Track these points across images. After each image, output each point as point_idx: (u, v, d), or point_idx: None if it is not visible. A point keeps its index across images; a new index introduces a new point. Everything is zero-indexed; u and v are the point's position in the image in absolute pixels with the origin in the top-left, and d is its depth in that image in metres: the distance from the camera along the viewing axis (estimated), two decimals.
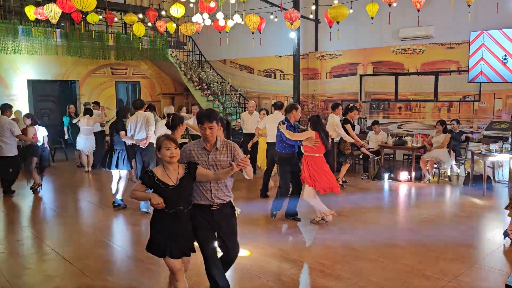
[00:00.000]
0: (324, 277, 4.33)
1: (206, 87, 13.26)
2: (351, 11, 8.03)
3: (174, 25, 10.01)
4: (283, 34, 11.70)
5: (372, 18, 7.77)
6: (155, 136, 6.69)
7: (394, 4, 6.98)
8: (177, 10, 8.36)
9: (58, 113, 13.76)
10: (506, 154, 7.42)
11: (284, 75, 13.22)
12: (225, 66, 14.55)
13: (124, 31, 12.58)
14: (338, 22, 7.71)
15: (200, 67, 13.84)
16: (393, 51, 11.04)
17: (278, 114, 6.95)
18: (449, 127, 8.92)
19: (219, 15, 8.44)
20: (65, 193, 8.07)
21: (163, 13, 11.72)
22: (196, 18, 8.62)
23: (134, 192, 3.20)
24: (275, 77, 13.51)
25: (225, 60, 14.52)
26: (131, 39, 12.13)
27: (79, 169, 10.35)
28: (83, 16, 9.05)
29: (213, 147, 3.29)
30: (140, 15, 9.88)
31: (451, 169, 8.74)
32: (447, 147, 8.61)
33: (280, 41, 12.55)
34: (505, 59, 9.26)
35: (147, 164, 6.57)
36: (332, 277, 4.29)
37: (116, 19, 10.44)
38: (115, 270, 4.52)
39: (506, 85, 9.40)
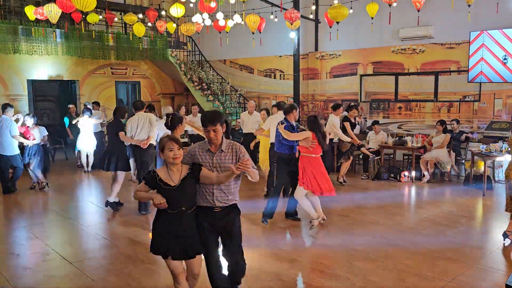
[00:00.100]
0: (324, 277, 4.33)
1: (206, 87, 13.26)
2: (351, 11, 8.04)
3: (174, 25, 10.01)
4: (283, 34, 11.70)
5: (372, 18, 7.77)
6: (155, 137, 6.70)
7: (394, 4, 6.98)
8: (177, 10, 8.36)
9: (58, 113, 13.78)
10: (506, 154, 7.42)
11: (284, 75, 13.22)
12: (225, 66, 14.55)
13: (124, 31, 12.58)
14: (338, 22, 7.71)
15: (200, 67, 13.84)
16: (393, 51, 11.03)
17: (281, 114, 6.95)
18: (449, 127, 8.93)
19: (219, 15, 8.44)
20: (65, 193, 8.07)
21: (163, 13, 11.71)
22: (196, 18, 8.63)
23: (137, 192, 3.20)
24: (275, 77, 13.51)
25: (225, 60, 14.52)
26: (131, 39, 12.15)
27: (79, 169, 10.36)
28: (83, 16, 9.05)
29: (218, 149, 3.24)
30: (140, 15, 9.89)
31: (451, 169, 8.75)
32: (447, 147, 8.61)
33: (280, 41, 12.55)
34: (505, 59, 9.26)
35: (146, 164, 6.56)
36: (332, 277, 4.29)
37: (116, 19, 10.44)
38: (115, 270, 4.52)
39: (506, 85, 9.39)
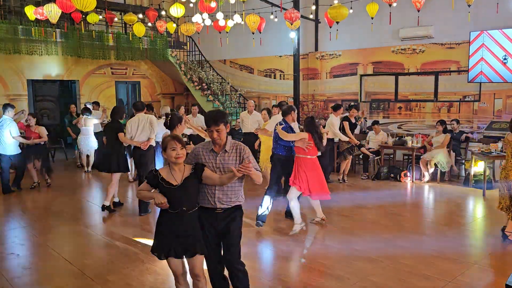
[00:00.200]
0: (324, 277, 4.33)
1: (206, 87, 13.25)
2: (351, 11, 8.04)
3: (174, 25, 10.01)
4: (283, 34, 11.70)
5: (372, 18, 7.76)
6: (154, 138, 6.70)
7: (394, 4, 6.97)
8: (177, 10, 8.36)
9: (58, 113, 13.80)
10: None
11: (284, 75, 13.22)
12: (225, 66, 14.55)
13: (124, 31, 12.58)
14: (338, 22, 7.71)
15: (200, 67, 13.84)
16: (393, 51, 11.03)
17: None
18: (449, 127, 8.93)
19: (219, 15, 8.44)
20: (65, 193, 8.07)
21: (163, 13, 11.71)
22: (196, 18, 8.63)
23: (139, 191, 3.19)
24: (275, 77, 13.51)
25: (225, 60, 14.52)
26: (131, 39, 12.15)
27: (79, 169, 10.36)
28: (83, 16, 9.05)
29: (222, 149, 3.20)
30: (140, 15, 9.88)
31: (451, 169, 8.75)
32: (447, 147, 8.61)
33: (280, 41, 12.55)
34: (505, 59, 9.26)
35: (145, 165, 6.55)
36: (332, 277, 4.29)
37: (116, 19, 10.43)
38: (115, 270, 4.52)
39: (506, 85, 9.39)
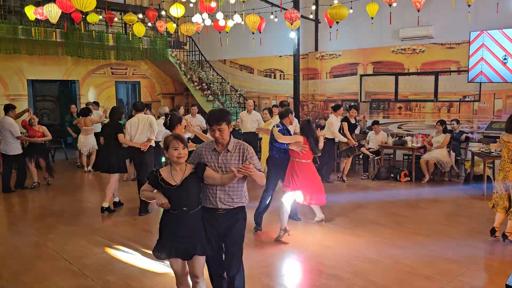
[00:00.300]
0: (324, 277, 4.33)
1: (206, 87, 13.25)
2: (351, 11, 8.03)
3: (174, 25, 10.01)
4: (283, 34, 11.69)
5: (372, 18, 7.76)
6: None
7: (394, 4, 6.97)
8: (177, 10, 8.35)
9: (58, 113, 13.80)
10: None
11: (284, 75, 13.22)
12: (225, 66, 14.55)
13: (124, 31, 12.57)
14: (338, 22, 7.71)
15: (200, 67, 13.84)
16: (393, 51, 11.03)
17: None
18: (449, 127, 8.93)
19: (219, 15, 8.44)
20: (65, 193, 8.07)
21: (163, 13, 11.71)
22: (196, 18, 8.63)
23: (142, 192, 3.19)
24: (275, 77, 13.50)
25: (225, 60, 14.52)
26: (131, 39, 12.14)
27: (79, 169, 10.36)
28: (83, 16, 9.05)
29: (224, 149, 3.15)
30: (140, 15, 9.88)
31: (451, 169, 8.74)
32: (447, 147, 8.61)
33: (280, 41, 12.55)
34: (505, 59, 9.26)
35: (146, 166, 6.55)
36: (332, 277, 4.29)
37: (116, 19, 10.42)
38: (115, 270, 4.52)
39: (506, 85, 9.39)
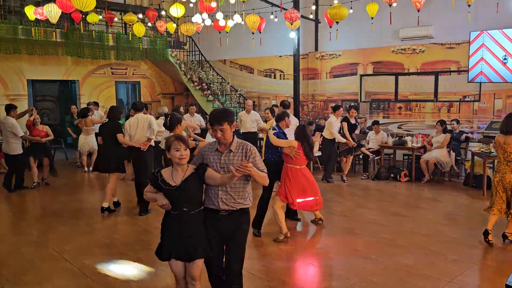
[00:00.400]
0: (324, 277, 4.33)
1: (206, 87, 13.26)
2: (351, 11, 8.04)
3: (174, 25, 10.01)
4: (283, 34, 11.70)
5: (372, 18, 7.76)
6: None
7: (394, 4, 6.97)
8: (177, 10, 8.35)
9: (58, 113, 13.79)
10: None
11: (284, 75, 13.22)
12: (225, 66, 14.55)
13: (124, 31, 12.57)
14: (338, 22, 7.71)
15: (200, 67, 13.84)
16: (393, 51, 11.03)
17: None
18: (449, 127, 8.93)
19: (219, 15, 8.43)
20: (65, 193, 8.07)
21: (163, 13, 11.71)
22: (196, 18, 8.63)
23: (145, 192, 3.19)
24: (275, 77, 13.50)
25: (225, 60, 14.52)
26: (131, 39, 12.14)
27: (79, 169, 10.36)
28: (83, 16, 9.05)
29: (227, 149, 3.12)
30: (140, 15, 9.88)
31: (451, 169, 8.74)
32: (447, 147, 8.61)
33: (280, 41, 12.55)
34: (505, 59, 9.26)
35: (146, 165, 6.55)
36: (332, 277, 4.29)
37: (116, 19, 10.42)
38: (115, 270, 4.52)
39: (506, 85, 9.39)
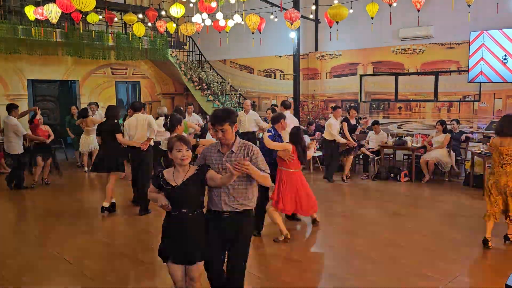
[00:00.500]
0: (324, 277, 4.33)
1: (206, 87, 13.26)
2: (351, 11, 8.04)
3: (174, 25, 10.01)
4: (283, 34, 11.70)
5: (372, 18, 7.77)
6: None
7: (394, 4, 6.98)
8: (177, 10, 8.36)
9: (58, 113, 13.79)
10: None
11: (284, 75, 13.22)
12: (225, 66, 14.55)
13: (124, 31, 12.57)
14: (338, 22, 7.71)
15: (200, 67, 13.85)
16: (393, 51, 11.03)
17: (288, 113, 7.09)
18: (449, 127, 8.92)
19: (219, 15, 8.44)
20: (65, 193, 8.07)
21: (163, 13, 11.71)
22: (196, 18, 8.63)
23: (149, 193, 3.19)
24: (275, 77, 13.51)
25: (225, 60, 14.52)
26: (131, 39, 12.14)
27: (79, 169, 10.36)
28: (83, 16, 9.05)
29: (229, 150, 3.10)
30: (140, 15, 9.89)
31: (451, 169, 8.74)
32: (447, 147, 8.61)
33: (280, 41, 12.55)
34: (505, 59, 9.26)
35: (146, 164, 6.54)
36: (332, 277, 4.29)
37: (116, 19, 10.43)
38: (115, 270, 4.52)
39: (506, 85, 9.39)
